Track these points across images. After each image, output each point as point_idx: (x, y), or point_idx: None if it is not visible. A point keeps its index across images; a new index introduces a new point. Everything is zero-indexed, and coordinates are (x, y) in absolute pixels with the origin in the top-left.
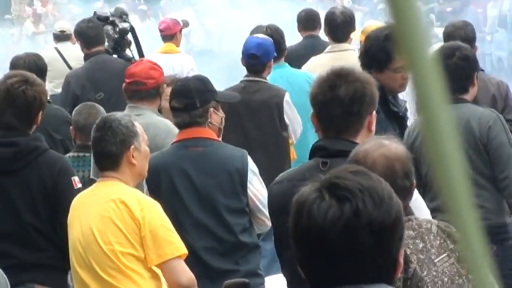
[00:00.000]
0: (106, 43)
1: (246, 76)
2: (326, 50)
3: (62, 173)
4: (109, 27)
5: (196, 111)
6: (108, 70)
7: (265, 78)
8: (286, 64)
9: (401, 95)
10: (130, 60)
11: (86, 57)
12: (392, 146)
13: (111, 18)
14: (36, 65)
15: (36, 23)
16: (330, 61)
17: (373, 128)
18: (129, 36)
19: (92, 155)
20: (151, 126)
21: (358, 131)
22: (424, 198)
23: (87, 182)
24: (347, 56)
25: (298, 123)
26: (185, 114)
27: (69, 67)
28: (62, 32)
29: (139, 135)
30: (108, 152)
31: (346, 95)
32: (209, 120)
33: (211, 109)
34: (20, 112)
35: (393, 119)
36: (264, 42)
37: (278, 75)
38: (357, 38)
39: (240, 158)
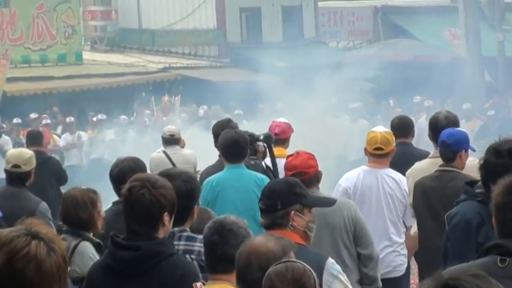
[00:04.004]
0: None
1: (441, 166)
2: (430, 155)
3: (184, 278)
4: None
5: (277, 213)
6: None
7: (459, 168)
8: (243, 166)
9: None
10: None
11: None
12: (260, 241)
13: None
14: (131, 170)
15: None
16: (433, 167)
17: None
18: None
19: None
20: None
21: None
22: None
23: None
24: None
25: None
26: (267, 215)
27: None
28: (171, 135)
29: None
30: (230, 255)
31: None
32: (290, 223)
33: (293, 212)
34: (140, 217)
35: None
36: (455, 132)
37: (230, 173)
38: None
39: (316, 262)
